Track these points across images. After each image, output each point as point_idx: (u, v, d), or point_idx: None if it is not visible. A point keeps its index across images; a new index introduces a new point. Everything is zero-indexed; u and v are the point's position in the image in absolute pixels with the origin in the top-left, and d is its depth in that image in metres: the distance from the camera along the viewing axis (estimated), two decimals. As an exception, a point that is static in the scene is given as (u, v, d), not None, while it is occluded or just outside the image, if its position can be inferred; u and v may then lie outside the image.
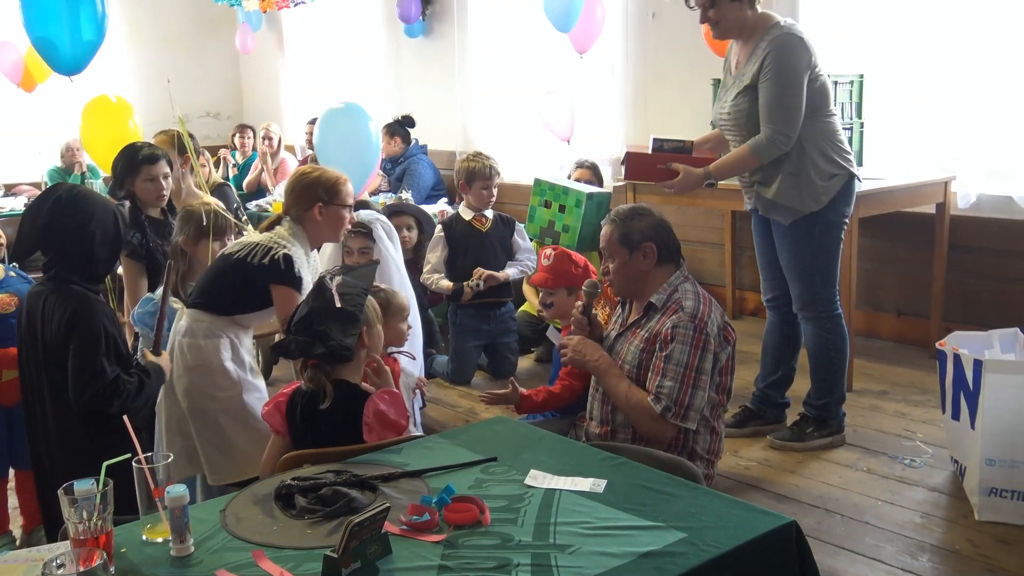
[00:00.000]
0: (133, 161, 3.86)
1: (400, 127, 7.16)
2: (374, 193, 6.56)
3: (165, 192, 3.91)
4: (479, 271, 4.71)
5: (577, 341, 2.99)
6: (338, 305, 2.43)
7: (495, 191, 4.89)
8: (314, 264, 3.25)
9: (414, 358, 3.44)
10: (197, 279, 3.37)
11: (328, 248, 3.78)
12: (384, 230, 3.90)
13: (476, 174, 4.83)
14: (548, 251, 3.69)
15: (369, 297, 2.58)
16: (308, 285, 2.97)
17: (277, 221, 3.17)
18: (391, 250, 3.87)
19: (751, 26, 3.48)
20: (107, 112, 5.44)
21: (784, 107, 3.40)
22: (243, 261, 3.01)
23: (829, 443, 3.68)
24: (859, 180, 3.64)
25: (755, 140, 3.45)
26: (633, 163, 3.72)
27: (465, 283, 4.70)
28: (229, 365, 3.04)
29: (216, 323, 3.04)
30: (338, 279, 2.49)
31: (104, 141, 5.38)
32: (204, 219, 3.36)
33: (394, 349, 3.18)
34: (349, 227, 3.31)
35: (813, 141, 3.48)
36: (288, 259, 2.99)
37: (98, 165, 5.81)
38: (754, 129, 3.48)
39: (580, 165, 5.37)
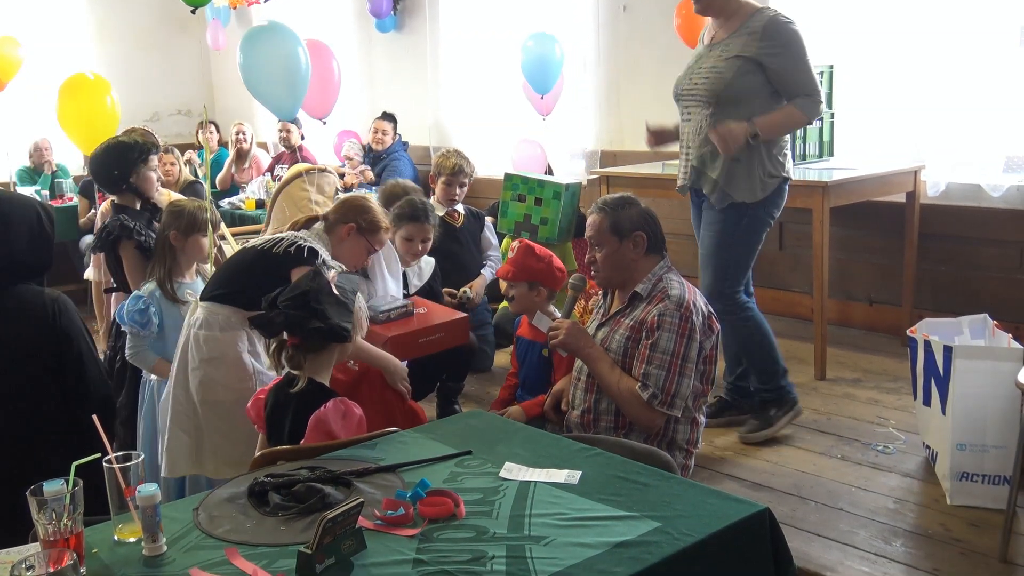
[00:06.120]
0: (140, 152, 3.87)
1: (393, 119, 7.18)
2: (348, 189, 6.53)
3: (161, 179, 4.04)
4: (473, 290, 4.69)
5: (570, 325, 2.99)
6: (335, 291, 2.45)
7: (460, 190, 4.87)
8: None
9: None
10: (183, 277, 3.38)
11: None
12: None
13: (442, 170, 4.85)
14: (515, 244, 3.69)
15: (358, 305, 2.59)
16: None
17: (311, 221, 3.24)
18: None
19: (734, 7, 3.53)
20: (84, 89, 5.34)
21: (811, 72, 3.51)
22: (268, 252, 3.04)
23: (793, 416, 3.72)
24: (789, 185, 3.68)
25: (800, 101, 3.50)
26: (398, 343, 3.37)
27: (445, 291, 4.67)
28: (246, 357, 3.06)
29: (234, 316, 3.05)
30: (333, 271, 2.55)
31: (82, 119, 5.28)
32: (197, 214, 3.37)
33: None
34: (360, 265, 3.42)
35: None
36: (313, 251, 3.04)
37: (76, 143, 5.65)
38: (729, 97, 3.47)
39: None
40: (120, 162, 3.87)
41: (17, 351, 2.55)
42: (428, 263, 4.22)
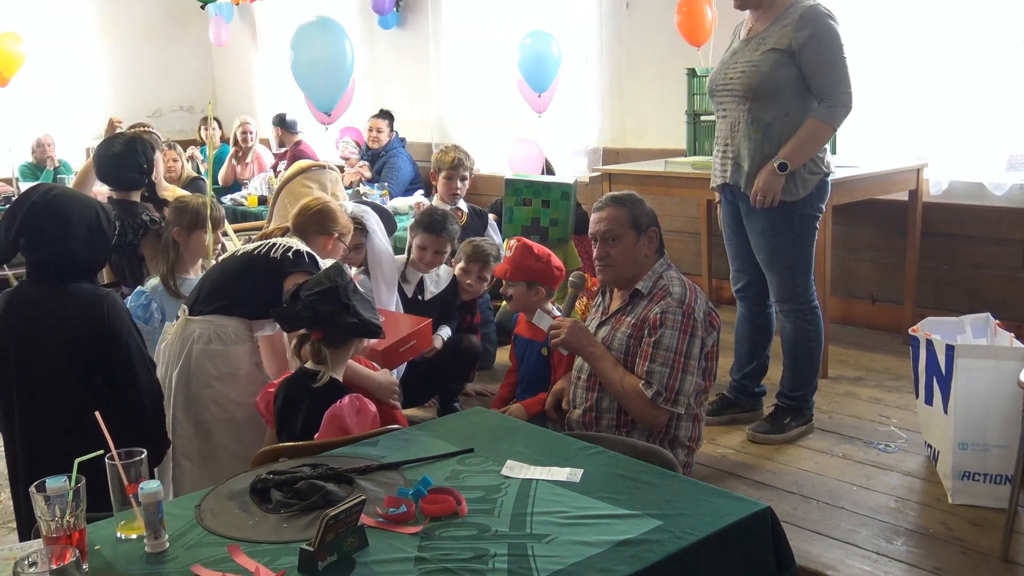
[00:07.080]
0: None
1: (390, 117, 7.17)
2: (348, 187, 6.53)
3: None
4: None
5: (572, 324, 2.99)
6: (360, 289, 2.47)
7: (461, 184, 4.87)
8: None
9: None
10: (186, 272, 3.37)
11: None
12: (375, 221, 3.91)
13: (442, 165, 4.85)
14: (512, 242, 3.68)
15: None
16: None
17: (282, 234, 3.16)
18: (384, 241, 3.88)
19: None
20: None
21: (841, 69, 3.38)
22: (263, 256, 2.95)
23: (804, 431, 3.71)
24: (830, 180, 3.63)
25: (821, 110, 3.38)
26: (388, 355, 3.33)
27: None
28: (257, 371, 2.99)
29: (241, 326, 2.97)
30: (354, 270, 2.53)
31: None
32: (200, 210, 3.36)
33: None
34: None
35: None
36: (311, 255, 2.98)
37: None
38: (765, 91, 3.38)
39: None
40: (145, 155, 3.91)
41: (67, 350, 2.54)
42: (446, 272, 4.21)
